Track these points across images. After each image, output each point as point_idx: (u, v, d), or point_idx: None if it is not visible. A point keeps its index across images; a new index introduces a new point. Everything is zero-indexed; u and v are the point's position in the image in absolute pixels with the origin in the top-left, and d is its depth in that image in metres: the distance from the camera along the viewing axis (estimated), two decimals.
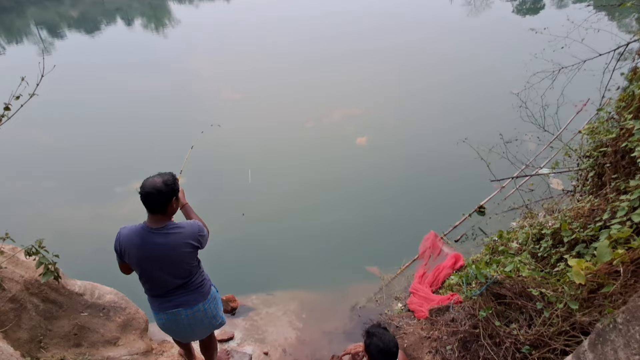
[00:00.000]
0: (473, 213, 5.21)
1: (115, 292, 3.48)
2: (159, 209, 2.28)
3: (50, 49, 19.06)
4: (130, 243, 2.31)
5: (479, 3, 19.97)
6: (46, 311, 3.04)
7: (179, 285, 2.47)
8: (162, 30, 22.13)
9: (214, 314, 2.70)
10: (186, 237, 2.35)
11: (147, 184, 2.23)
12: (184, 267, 2.42)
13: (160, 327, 2.67)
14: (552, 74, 5.59)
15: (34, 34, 23.93)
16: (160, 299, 2.50)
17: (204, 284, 2.60)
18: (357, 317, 4.17)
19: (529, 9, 18.49)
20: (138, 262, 2.35)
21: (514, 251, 3.56)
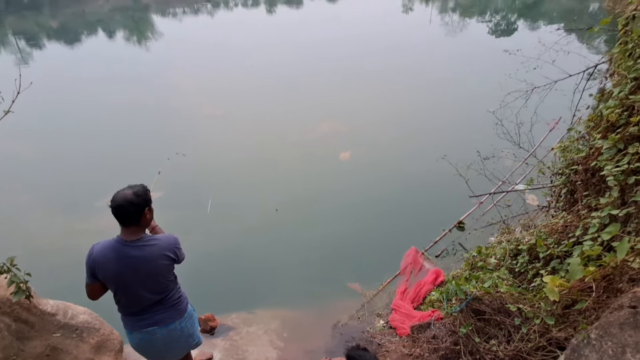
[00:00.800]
0: (453, 228, 5.30)
1: (90, 312, 3.36)
2: (133, 220, 2.23)
3: (28, 59, 18.68)
4: (105, 258, 2.24)
5: (456, 24, 20.69)
6: (18, 331, 2.92)
7: (155, 301, 2.40)
8: (144, 43, 21.99)
9: (191, 333, 2.63)
10: (162, 249, 2.31)
11: (117, 197, 2.19)
12: (160, 280, 2.36)
13: (134, 347, 2.57)
14: (525, 93, 5.80)
15: (11, 43, 23.43)
16: (135, 317, 2.42)
17: (181, 301, 2.54)
18: (339, 335, 4.14)
19: (503, 30, 19.25)
20: (113, 277, 2.28)
21: (493, 267, 3.63)
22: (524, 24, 19.80)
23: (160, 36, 23.12)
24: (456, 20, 22.39)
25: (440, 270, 4.42)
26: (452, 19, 22.62)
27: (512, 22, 20.97)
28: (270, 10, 30.76)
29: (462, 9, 24.90)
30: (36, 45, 22.16)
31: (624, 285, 2.25)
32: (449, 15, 23.47)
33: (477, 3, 26.82)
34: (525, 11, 22.34)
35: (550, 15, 20.77)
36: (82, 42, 22.61)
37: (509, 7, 24.14)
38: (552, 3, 23.73)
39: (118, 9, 32.50)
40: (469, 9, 24.90)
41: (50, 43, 22.81)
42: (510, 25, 20.19)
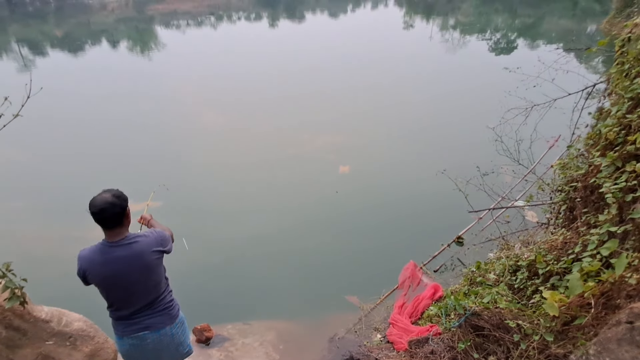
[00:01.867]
0: (452, 243, 5.28)
1: (85, 319, 3.31)
2: (117, 222, 2.25)
3: (30, 66, 18.84)
4: (91, 263, 2.26)
5: (456, 41, 21.01)
6: (8, 339, 2.87)
7: (147, 303, 2.40)
8: (147, 53, 22.23)
9: (181, 341, 2.61)
10: (149, 244, 2.33)
11: (97, 201, 2.20)
12: (151, 277, 2.37)
13: (123, 355, 2.54)
14: (525, 110, 5.86)
15: (14, 50, 23.66)
16: (125, 321, 2.41)
17: (173, 306, 2.53)
18: (335, 349, 4.08)
19: (503, 48, 19.56)
20: (102, 281, 2.29)
21: (492, 282, 3.61)
22: (523, 42, 20.14)
23: (164, 47, 23.40)
24: (456, 37, 22.76)
25: (438, 285, 4.39)
26: (453, 36, 23.00)
27: (512, 40, 21.33)
28: (272, 24, 31.27)
29: (463, 27, 25.35)
30: (39, 53, 22.38)
31: (621, 302, 2.25)
32: (449, 33, 23.88)
33: (477, 21, 27.33)
34: (524, 30, 22.74)
35: (549, 35, 21.12)
36: (86, 51, 22.87)
37: (509, 26, 24.58)
38: (551, 24, 24.17)
39: (123, 20, 33.00)
40: (469, 26, 25.35)
41: (53, 51, 23.05)
42: (510, 43, 20.52)
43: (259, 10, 37.34)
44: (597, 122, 3.72)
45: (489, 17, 28.42)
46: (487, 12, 30.34)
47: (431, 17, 30.00)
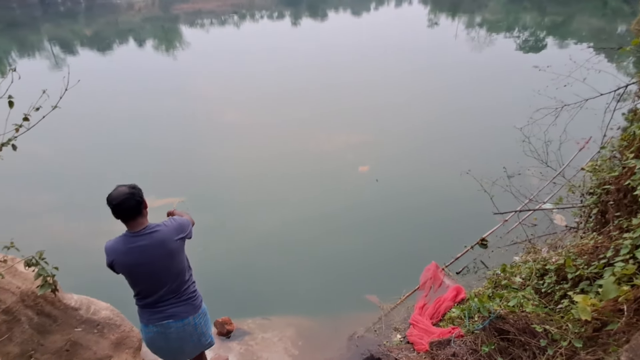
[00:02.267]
0: (475, 245, 5.17)
1: (112, 308, 3.41)
2: (136, 212, 2.34)
3: (61, 64, 19.51)
4: (117, 253, 2.36)
5: (482, 40, 20.57)
6: (40, 325, 2.98)
7: (171, 290, 2.47)
8: (172, 52, 22.66)
9: (203, 332, 2.67)
10: (170, 232, 2.43)
11: (116, 195, 2.29)
12: (174, 263, 2.45)
13: (147, 342, 2.63)
14: (555, 110, 5.68)
15: (46, 49, 24.56)
16: (151, 309, 2.49)
17: (196, 296, 2.61)
18: (354, 347, 4.07)
19: (531, 47, 19.03)
20: (128, 269, 2.39)
21: (517, 286, 3.52)
22: (553, 41, 19.54)
23: (188, 46, 23.81)
24: (483, 35, 22.28)
25: (461, 287, 4.31)
26: (479, 34, 22.53)
27: (541, 39, 20.72)
28: (295, 22, 31.36)
29: (489, 25, 24.80)
30: (70, 51, 23.15)
31: None
32: (476, 31, 23.40)
33: (505, 19, 26.69)
34: (554, 29, 22.06)
35: (579, 34, 20.44)
36: (114, 49, 23.51)
37: (538, 24, 23.90)
38: (581, 22, 23.38)
39: (149, 19, 33.75)
40: (496, 24, 24.78)
41: (83, 50, 23.80)
42: (539, 42, 19.96)
43: (281, 9, 37.52)
44: (631, 124, 3.58)
45: (517, 14, 27.71)
46: (515, 9, 29.59)
47: (457, 14, 29.45)
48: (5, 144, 1.91)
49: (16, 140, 1.96)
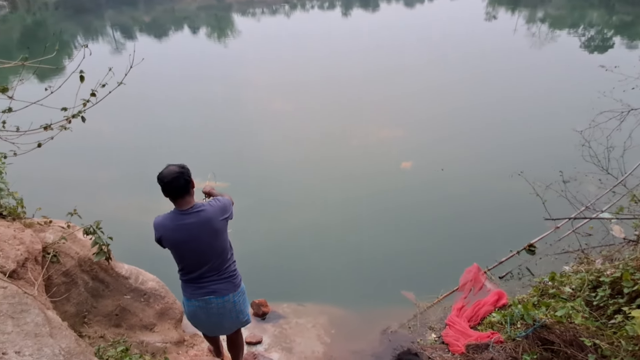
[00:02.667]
0: (522, 251, 4.93)
1: (157, 280, 3.59)
2: (185, 190, 2.44)
3: (121, 49, 20.62)
4: (165, 229, 2.48)
5: (544, 36, 19.38)
6: (94, 289, 3.19)
7: (214, 267, 2.58)
8: (224, 39, 23.24)
9: (242, 309, 2.78)
10: (215, 212, 2.53)
11: (167, 174, 2.40)
12: (218, 241, 2.56)
13: (189, 315, 2.77)
14: (620, 114, 5.27)
15: (109, 34, 26.03)
16: (194, 284, 2.61)
17: (236, 275, 2.72)
18: (387, 342, 4.04)
19: (597, 46, 17.68)
20: (175, 245, 2.52)
21: (567, 296, 3.33)
22: (620, 41, 18.03)
23: (239, 34, 24.32)
24: (544, 31, 20.97)
25: (503, 292, 4.14)
26: (540, 30, 21.22)
27: (608, 38, 19.20)
28: (345, 13, 31.06)
29: (552, 20, 23.28)
30: (129, 37, 24.40)
31: None
32: (537, 26, 22.05)
33: (569, 15, 24.95)
34: (622, 29, 20.33)
35: None
36: (170, 36, 24.50)
37: (605, 23, 22.12)
38: None
39: (204, 8, 34.74)
40: (560, 20, 23.22)
41: (141, 36, 24.99)
42: (606, 41, 18.49)
43: None
44: None
45: (583, 11, 25.80)
46: (581, 5, 27.55)
47: (517, 8, 27.88)
48: (75, 115, 2.05)
49: (85, 113, 2.09)
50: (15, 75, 8.29)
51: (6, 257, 2.33)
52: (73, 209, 2.80)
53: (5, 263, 2.27)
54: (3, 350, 1.61)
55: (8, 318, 1.76)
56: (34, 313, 1.88)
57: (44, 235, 2.90)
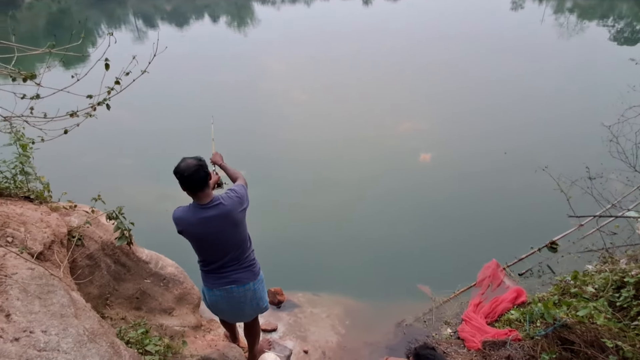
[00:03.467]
0: (543, 248, 4.82)
1: (176, 265, 3.66)
2: (204, 183, 2.45)
3: (143, 37, 20.85)
4: (186, 223, 2.51)
5: (572, 27, 18.68)
6: (116, 272, 3.28)
7: (234, 257, 2.62)
8: (243, 28, 23.23)
9: (261, 296, 2.85)
10: (234, 204, 2.54)
11: (185, 168, 2.39)
12: (237, 233, 2.60)
13: (210, 304, 2.83)
14: None
15: (131, 22, 26.35)
16: (215, 274, 2.66)
17: (255, 264, 2.77)
18: (402, 334, 4.03)
19: (626, 38, 16.97)
20: (196, 239, 2.57)
21: (589, 296, 3.25)
22: None
23: (259, 22, 24.26)
24: (572, 22, 20.22)
25: (522, 290, 4.06)
26: (568, 20, 20.46)
27: (638, 30, 18.38)
28: (366, 1, 30.57)
29: (581, 11, 22.41)
30: (151, 25, 24.64)
31: None
32: (565, 16, 21.26)
33: (599, 6, 23.94)
34: None
35: None
36: (190, 24, 24.62)
37: (635, 15, 21.16)
38: None
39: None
40: (589, 11, 22.31)
41: (163, 24, 25.20)
42: (636, 33, 17.71)
43: None
44: None
45: (612, 2, 24.72)
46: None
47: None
48: (101, 103, 2.08)
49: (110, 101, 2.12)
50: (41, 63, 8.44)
51: (34, 239, 2.41)
52: (97, 194, 2.86)
53: (32, 245, 2.34)
54: (30, 329, 1.67)
55: (35, 298, 1.82)
56: (60, 294, 1.94)
57: (69, 219, 2.98)
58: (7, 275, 1.85)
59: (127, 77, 2.20)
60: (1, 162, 2.90)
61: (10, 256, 1.99)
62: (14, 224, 2.42)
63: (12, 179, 2.94)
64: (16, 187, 2.96)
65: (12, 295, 1.76)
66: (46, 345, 1.63)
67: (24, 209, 2.68)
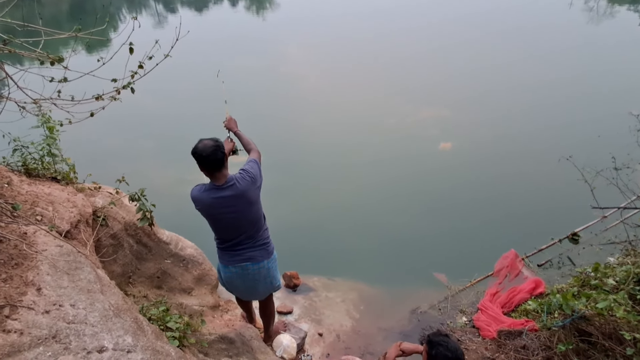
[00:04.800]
0: (564, 239, 4.73)
1: (195, 247, 3.76)
2: (221, 164, 2.51)
3: (163, 22, 20.96)
4: (203, 203, 2.59)
5: (602, 11, 17.85)
6: (138, 252, 3.39)
7: (249, 235, 2.70)
8: (262, 13, 23.04)
9: (274, 275, 2.93)
10: (248, 184, 2.60)
11: (203, 149, 2.45)
12: (252, 211, 2.67)
13: (225, 281, 2.93)
14: None
15: (151, 7, 26.47)
16: (230, 252, 2.75)
17: (269, 242, 2.85)
18: (416, 321, 4.05)
19: None
20: (212, 218, 2.65)
21: (609, 288, 3.19)
22: None
23: (277, 7, 24.00)
24: (603, 6, 19.29)
25: (540, 281, 4.01)
26: (598, 4, 19.54)
27: None
28: None
29: None
30: (171, 10, 24.71)
31: None
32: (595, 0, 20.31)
33: None
34: None
35: None
36: (210, 9, 24.57)
37: None
38: None
39: None
40: None
41: (182, 9, 25.22)
42: None
43: None
44: None
45: None
46: None
47: None
48: (126, 86, 2.12)
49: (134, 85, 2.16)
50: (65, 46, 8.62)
51: (61, 219, 2.51)
52: (121, 176, 2.95)
53: (60, 224, 2.44)
54: (60, 303, 1.76)
55: (64, 274, 1.91)
56: (87, 271, 2.03)
57: (94, 199, 3.08)
58: (37, 251, 1.94)
59: (149, 61, 2.23)
60: (30, 144, 3.01)
61: (40, 233, 2.08)
62: (42, 203, 2.52)
63: (40, 160, 3.05)
64: (44, 168, 3.07)
65: (42, 271, 1.84)
66: (74, 318, 1.71)
67: (52, 189, 2.79)
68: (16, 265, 1.82)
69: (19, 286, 1.73)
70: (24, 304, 1.64)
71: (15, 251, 1.88)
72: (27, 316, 1.61)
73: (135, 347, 1.74)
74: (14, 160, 2.94)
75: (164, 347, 1.97)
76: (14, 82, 1.87)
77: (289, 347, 3.38)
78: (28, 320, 1.59)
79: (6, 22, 1.87)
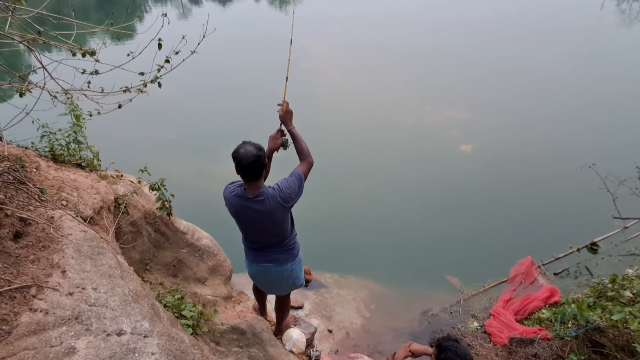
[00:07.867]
0: (583, 249, 4.63)
1: (211, 238, 3.83)
2: (260, 174, 2.44)
3: (188, 14, 21.21)
4: (232, 206, 2.60)
5: (635, 13, 17.24)
6: (156, 240, 3.48)
7: (274, 243, 2.73)
8: (284, 7, 23.06)
9: (297, 275, 2.97)
10: (277, 204, 2.50)
11: (245, 157, 2.35)
12: (278, 227, 2.67)
13: (251, 274, 2.99)
14: None
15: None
16: (256, 252, 2.80)
17: (295, 246, 2.86)
18: (427, 323, 4.05)
19: None
20: (240, 222, 2.69)
21: (626, 300, 3.13)
22: None
23: (300, 1, 23.97)
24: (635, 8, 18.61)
25: (556, 289, 3.95)
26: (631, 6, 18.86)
27: None
28: None
29: None
30: (195, 2, 24.95)
31: None
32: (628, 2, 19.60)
33: None
34: None
35: None
36: (233, 2, 24.73)
37: None
38: None
39: None
40: None
41: (207, 1, 25.43)
42: None
43: None
44: None
45: None
46: None
47: None
48: (153, 80, 2.18)
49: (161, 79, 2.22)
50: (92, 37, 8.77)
51: (85, 204, 2.60)
52: (144, 165, 3.03)
53: (84, 209, 2.53)
54: (83, 286, 1.83)
55: (87, 258, 1.99)
56: (108, 256, 2.10)
57: (116, 187, 3.17)
58: (63, 235, 2.02)
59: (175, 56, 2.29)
60: (57, 131, 3.12)
61: (66, 218, 2.17)
62: (68, 188, 2.62)
63: (66, 146, 3.16)
64: (69, 154, 3.17)
65: (67, 254, 1.92)
66: (96, 301, 1.78)
67: (77, 176, 2.88)
68: (43, 248, 1.90)
69: (45, 268, 1.81)
70: (49, 285, 1.72)
71: (43, 234, 1.96)
72: (52, 297, 1.68)
73: (152, 333, 1.81)
74: (42, 146, 3.06)
75: (179, 334, 2.03)
76: (48, 73, 1.95)
77: (298, 342, 3.43)
78: (53, 300, 1.67)
79: (42, 14, 1.95)
